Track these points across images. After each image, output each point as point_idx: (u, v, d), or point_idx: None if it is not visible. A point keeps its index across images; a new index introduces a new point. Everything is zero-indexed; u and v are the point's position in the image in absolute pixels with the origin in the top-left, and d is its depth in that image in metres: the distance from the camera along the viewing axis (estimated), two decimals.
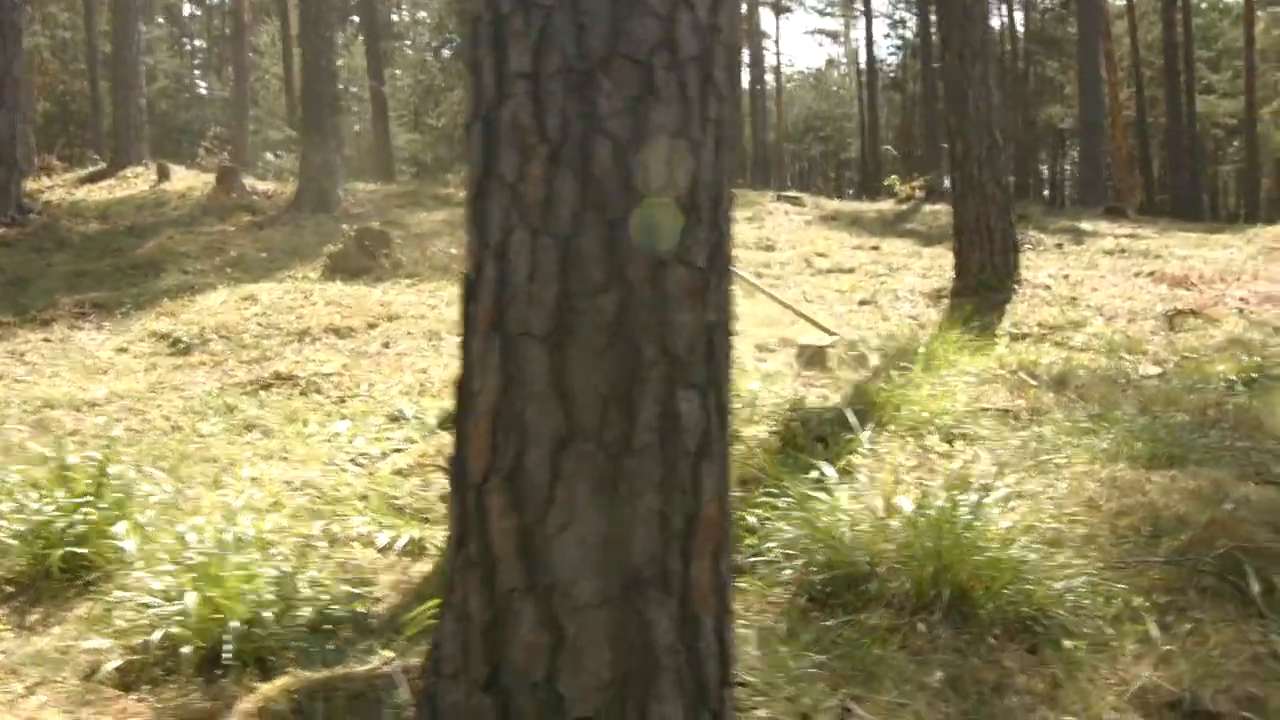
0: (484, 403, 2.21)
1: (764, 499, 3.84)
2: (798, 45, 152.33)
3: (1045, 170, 56.33)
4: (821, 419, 5.19)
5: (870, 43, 48.61)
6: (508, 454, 2.18)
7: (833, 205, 14.92)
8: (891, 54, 54.58)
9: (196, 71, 48.48)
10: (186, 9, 48.85)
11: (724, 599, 2.31)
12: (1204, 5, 45.06)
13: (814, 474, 3.96)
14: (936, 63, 30.05)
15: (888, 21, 52.29)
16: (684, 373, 2.19)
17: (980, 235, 8.69)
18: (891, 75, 55.53)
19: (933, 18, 28.33)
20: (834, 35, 62.34)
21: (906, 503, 3.72)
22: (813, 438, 4.85)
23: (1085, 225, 14.08)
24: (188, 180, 15.65)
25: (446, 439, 4.87)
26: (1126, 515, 4.12)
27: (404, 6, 49.02)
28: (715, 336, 2.26)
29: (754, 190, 19.23)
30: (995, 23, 48.04)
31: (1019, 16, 50.63)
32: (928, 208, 16.41)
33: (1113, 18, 45.19)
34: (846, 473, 4.32)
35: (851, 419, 4.32)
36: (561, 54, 2.15)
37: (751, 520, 3.74)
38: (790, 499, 3.76)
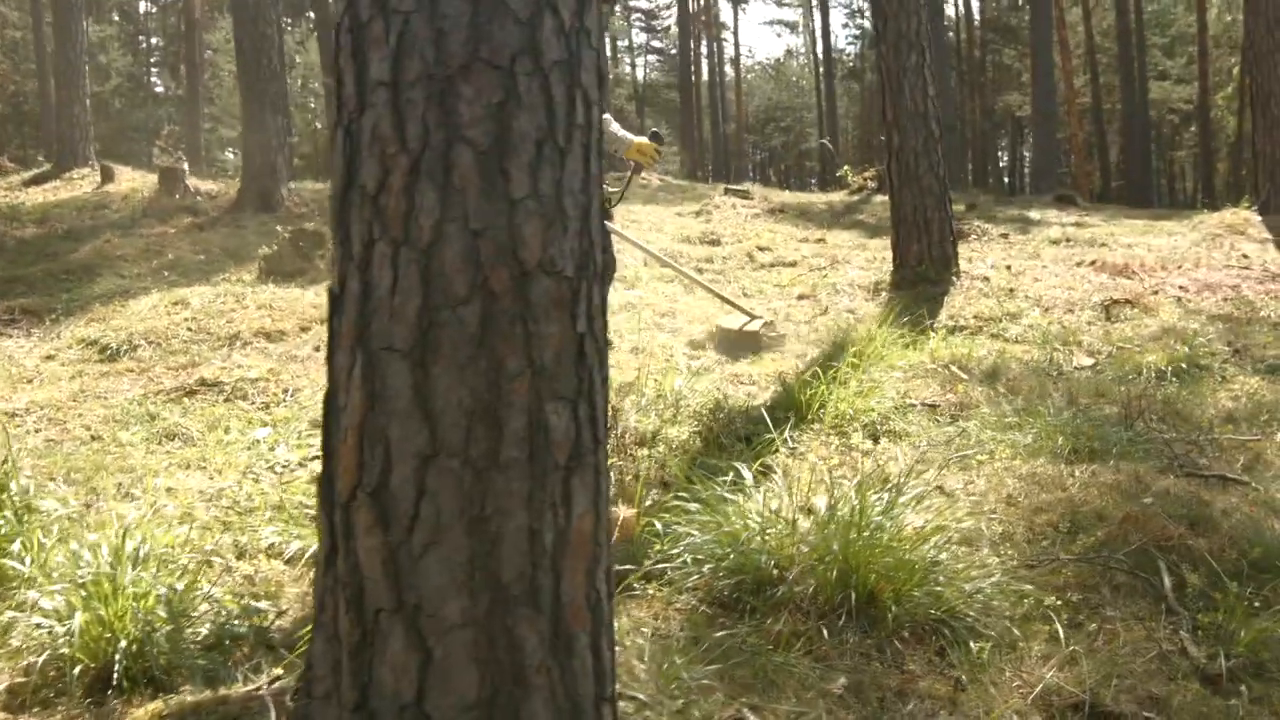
0: (349, 419, 2.16)
1: (676, 503, 3.79)
2: (756, 36, 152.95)
3: (1005, 158, 56.74)
4: (748, 417, 5.15)
5: (827, 33, 48.86)
6: (374, 471, 2.13)
7: (781, 198, 14.86)
8: (850, 43, 55.01)
9: (153, 69, 48.00)
10: (142, 6, 48.36)
11: (601, 614, 2.26)
12: None
13: (730, 476, 3.93)
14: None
15: (846, 11, 52.58)
16: (552, 385, 2.15)
17: (918, 227, 8.67)
18: (850, 65, 55.77)
19: None
20: (792, 26, 62.59)
21: (822, 503, 3.70)
22: (735, 437, 4.82)
23: (1034, 214, 14.11)
24: (133, 181, 15.43)
25: None
26: (1045, 512, 4.10)
27: None
28: (587, 346, 2.21)
29: (704, 184, 19.19)
30: (950, 10, 48.33)
31: (975, 4, 50.97)
32: (878, 198, 16.38)
33: (1068, 4, 45.51)
34: (767, 473, 4.29)
35: (766, 418, 4.26)
36: (421, 61, 2.11)
37: (663, 525, 3.67)
38: (702, 502, 3.72)
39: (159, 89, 45.39)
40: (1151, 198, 38.91)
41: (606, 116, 5.39)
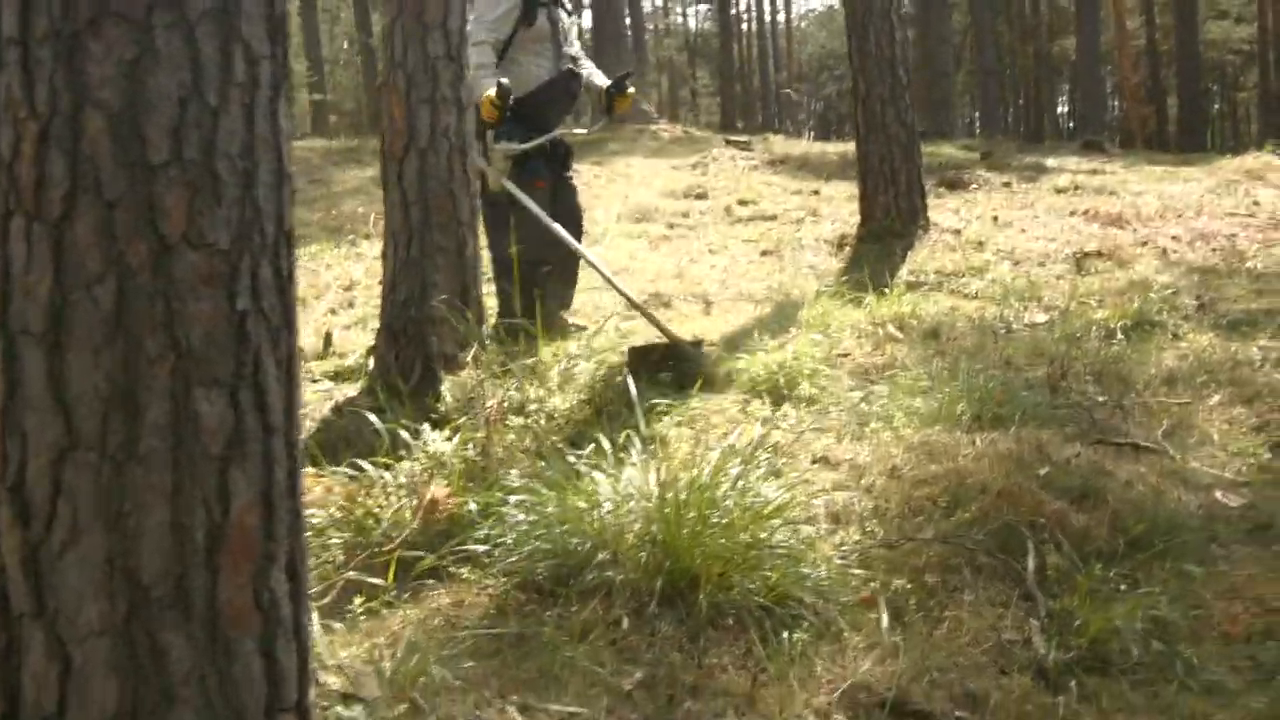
0: None
1: (522, 480, 3.59)
2: None
3: (1064, 103, 55.43)
4: (653, 383, 4.94)
5: None
6: (14, 465, 1.96)
7: (784, 148, 14.49)
8: None
9: None
10: None
11: (279, 614, 2.08)
12: None
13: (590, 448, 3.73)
14: None
15: None
16: (202, 369, 1.95)
17: (884, 178, 8.33)
18: (907, 10, 54.65)
19: None
20: None
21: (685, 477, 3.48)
22: (630, 405, 4.60)
23: (1051, 161, 13.67)
24: None
25: None
26: (927, 485, 3.85)
27: None
28: (251, 325, 2.01)
29: (734, 134, 18.82)
30: None
31: None
32: None
33: None
34: (647, 443, 4.08)
35: (631, 388, 4.03)
36: (48, 16, 1.90)
37: (494, 504, 3.48)
38: (545, 479, 3.52)
39: None
40: (1204, 142, 37.94)
41: (475, 65, 5.16)
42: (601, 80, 6.15)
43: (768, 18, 60.27)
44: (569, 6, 6.05)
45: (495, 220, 5.70)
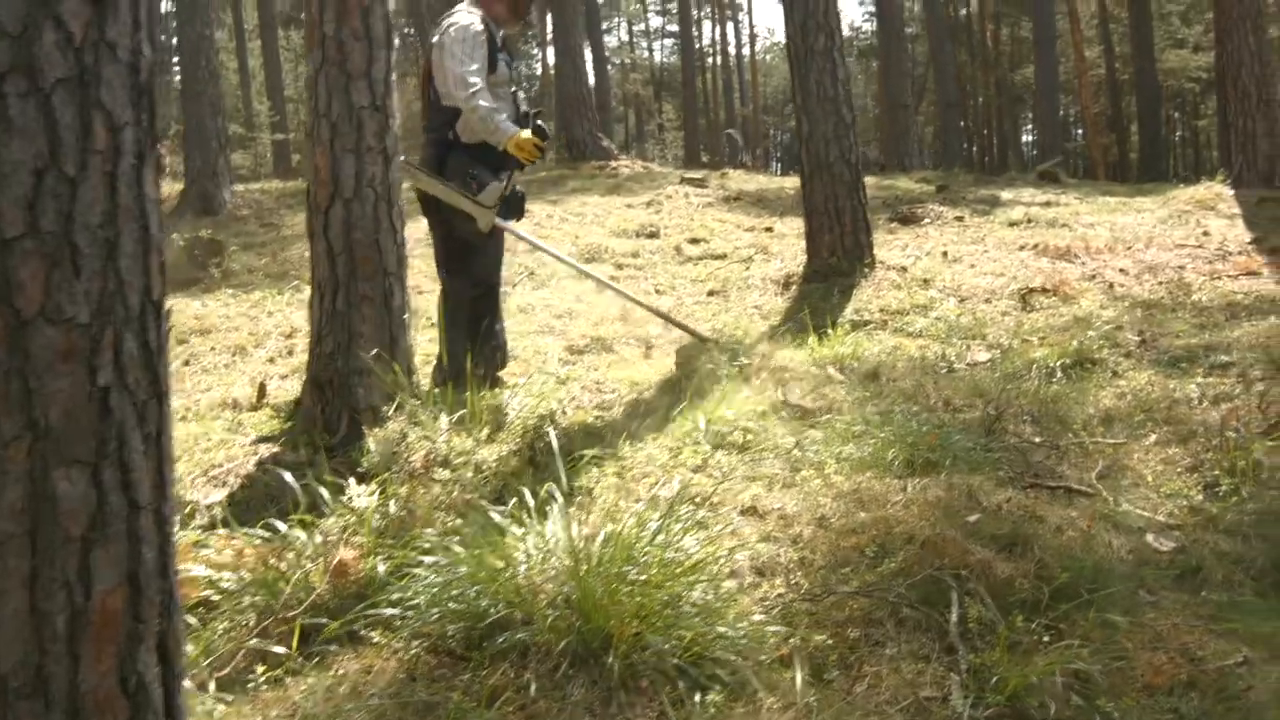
0: None
1: (442, 537, 3.51)
2: (774, 15, 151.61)
3: (1028, 134, 55.81)
4: (587, 432, 4.89)
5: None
6: None
7: (740, 185, 14.47)
8: (866, 20, 54.28)
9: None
10: None
11: (148, 697, 2.01)
12: None
13: (513, 502, 3.67)
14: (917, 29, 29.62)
15: None
16: (62, 448, 1.89)
17: (829, 216, 8.31)
18: (866, 42, 55.00)
19: None
20: None
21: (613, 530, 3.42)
22: (564, 454, 4.54)
23: (1006, 194, 13.71)
24: None
25: None
26: (856, 534, 3.80)
27: None
28: (115, 401, 1.95)
29: (695, 170, 18.81)
30: None
31: None
32: None
33: None
34: (572, 496, 4.03)
35: (552, 439, 3.97)
36: None
37: (408, 564, 3.40)
38: (463, 537, 3.46)
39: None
40: (1166, 169, 38.25)
41: (489, 108, 5.15)
42: (506, 127, 6.11)
43: (732, 51, 60.64)
44: (512, 53, 6.04)
45: (460, 262, 5.66)
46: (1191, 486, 4.34)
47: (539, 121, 5.60)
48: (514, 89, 5.79)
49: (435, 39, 5.52)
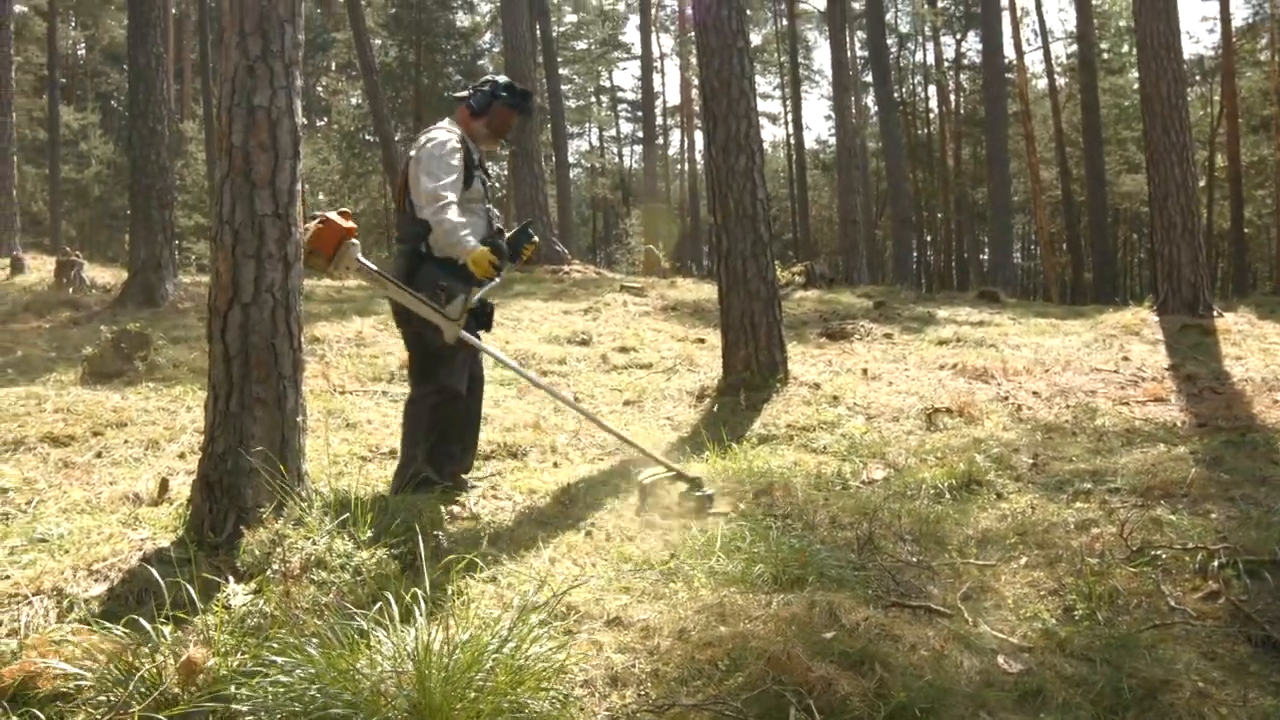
0: None
1: (302, 639, 3.58)
2: None
3: (987, 250, 56.66)
4: (474, 538, 4.98)
5: (800, 127, 49.30)
6: None
7: (678, 294, 14.73)
8: (831, 134, 55.36)
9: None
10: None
11: None
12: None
13: (377, 607, 3.74)
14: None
15: (829, 104, 53.01)
16: None
17: (745, 332, 8.54)
18: (831, 155, 56.08)
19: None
20: (773, 117, 62.97)
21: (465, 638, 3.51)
22: (446, 559, 4.64)
23: (942, 312, 14.02)
24: (42, 272, 15.38)
25: (46, 566, 4.64)
26: (712, 647, 3.90)
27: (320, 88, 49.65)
28: None
29: (644, 278, 19.08)
30: (931, 101, 48.80)
31: (952, 97, 51.53)
32: (799, 294, 16.32)
33: (1035, 100, 46.03)
34: (443, 601, 4.12)
35: (420, 544, 4.07)
36: None
37: (253, 669, 3.47)
38: (326, 635, 3.53)
39: None
40: (1120, 290, 38.96)
41: (455, 223, 5.38)
42: (469, 244, 6.30)
43: (699, 159, 61.54)
44: (488, 170, 6.24)
45: (427, 371, 5.85)
46: (1050, 610, 4.46)
47: (530, 230, 5.83)
48: (488, 205, 6.00)
49: (413, 153, 5.77)
